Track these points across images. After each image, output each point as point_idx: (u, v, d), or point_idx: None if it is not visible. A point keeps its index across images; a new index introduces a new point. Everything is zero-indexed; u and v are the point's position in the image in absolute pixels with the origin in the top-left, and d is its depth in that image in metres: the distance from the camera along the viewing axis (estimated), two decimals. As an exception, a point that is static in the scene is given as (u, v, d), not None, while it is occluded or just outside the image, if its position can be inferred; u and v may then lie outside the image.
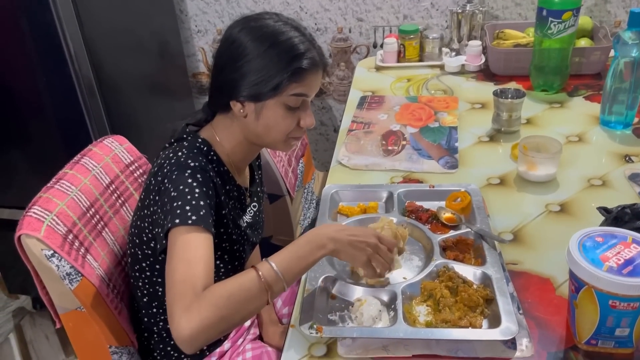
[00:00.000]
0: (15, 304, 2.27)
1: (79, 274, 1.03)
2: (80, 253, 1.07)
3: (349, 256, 0.95)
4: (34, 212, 1.03)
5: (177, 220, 0.89)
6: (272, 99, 0.99)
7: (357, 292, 1.02)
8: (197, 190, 0.93)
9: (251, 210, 1.18)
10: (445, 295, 0.98)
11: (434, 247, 1.10)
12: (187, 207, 0.91)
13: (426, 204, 1.24)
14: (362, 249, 0.95)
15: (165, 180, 0.95)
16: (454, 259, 1.07)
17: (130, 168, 1.28)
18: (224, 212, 1.04)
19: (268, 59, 0.97)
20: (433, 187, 1.28)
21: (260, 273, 0.87)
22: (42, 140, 1.78)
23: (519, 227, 1.19)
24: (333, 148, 1.56)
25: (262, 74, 0.97)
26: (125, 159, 1.27)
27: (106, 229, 1.17)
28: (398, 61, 2.03)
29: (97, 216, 1.15)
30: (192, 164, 0.97)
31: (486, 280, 1.01)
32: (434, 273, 1.04)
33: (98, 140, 1.27)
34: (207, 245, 0.90)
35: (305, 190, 1.91)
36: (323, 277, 1.04)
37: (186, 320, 0.81)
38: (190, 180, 0.94)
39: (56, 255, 1.00)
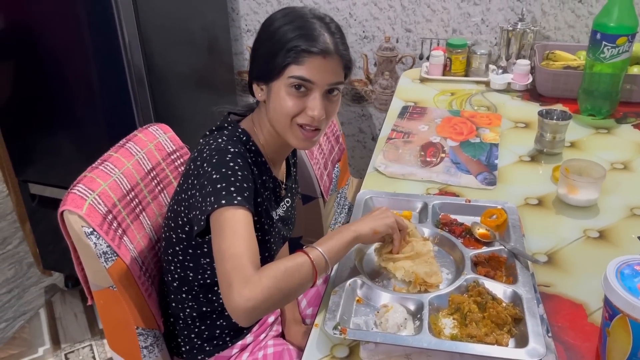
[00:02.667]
0: (48, 280, 2.34)
1: (115, 254, 1.06)
2: (118, 234, 1.10)
3: (375, 226, 1.02)
4: (77, 190, 1.06)
5: (223, 201, 0.91)
6: (276, 80, 0.99)
7: (384, 297, 1.02)
8: (239, 173, 0.96)
9: (284, 205, 1.19)
10: (473, 310, 0.97)
11: (465, 261, 1.09)
12: (232, 189, 0.93)
13: (461, 218, 1.22)
14: (381, 218, 1.04)
15: (205, 164, 0.98)
16: (485, 275, 1.05)
17: (172, 157, 1.31)
18: (258, 200, 1.06)
19: (276, 39, 0.98)
20: (469, 201, 1.27)
21: (310, 256, 0.92)
22: (89, 124, 1.83)
23: (555, 250, 1.17)
24: (369, 156, 1.56)
25: (269, 55, 0.99)
26: (168, 147, 1.31)
27: (144, 214, 1.20)
28: (443, 74, 2.01)
29: (137, 200, 1.19)
30: (232, 149, 0.99)
31: (516, 299, 0.99)
32: (463, 287, 1.03)
33: (144, 126, 1.31)
34: (251, 226, 0.93)
35: (339, 195, 1.92)
36: (350, 280, 1.04)
37: (248, 290, 0.84)
38: (232, 164, 0.97)
39: (95, 233, 1.04)
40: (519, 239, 1.14)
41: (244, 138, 1.06)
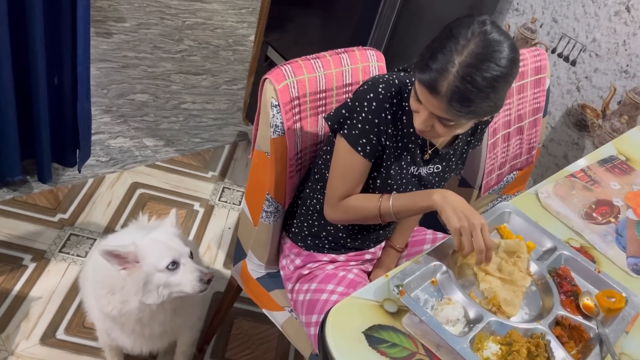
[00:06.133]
0: (244, 128, 2.75)
1: (282, 131, 1.27)
2: (294, 118, 1.30)
3: (446, 217, 1.06)
4: (284, 69, 1.27)
5: (346, 132, 1.12)
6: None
7: (455, 294, 1.08)
8: (369, 117, 1.11)
9: (431, 168, 1.25)
10: (522, 354, 0.99)
11: (550, 315, 1.08)
12: (359, 126, 1.11)
13: (579, 281, 1.19)
14: (460, 218, 1.05)
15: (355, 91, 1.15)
16: (557, 336, 1.05)
17: (370, 83, 1.45)
18: (387, 143, 1.15)
19: (436, 41, 1.02)
20: (599, 272, 1.22)
21: (381, 207, 1.14)
22: (335, 23, 2.03)
23: (648, 365, 1.09)
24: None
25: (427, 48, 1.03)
26: (371, 74, 1.44)
27: (321, 115, 1.38)
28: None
29: (323, 102, 1.36)
30: (380, 90, 1.11)
31: (569, 373, 0.98)
32: (529, 332, 1.04)
33: (366, 47, 1.45)
34: (362, 170, 1.13)
35: (500, 199, 1.91)
36: (438, 263, 1.11)
37: (328, 213, 1.25)
38: (366, 103, 1.11)
39: (277, 107, 1.24)
40: (618, 331, 1.09)
41: (401, 86, 1.14)
